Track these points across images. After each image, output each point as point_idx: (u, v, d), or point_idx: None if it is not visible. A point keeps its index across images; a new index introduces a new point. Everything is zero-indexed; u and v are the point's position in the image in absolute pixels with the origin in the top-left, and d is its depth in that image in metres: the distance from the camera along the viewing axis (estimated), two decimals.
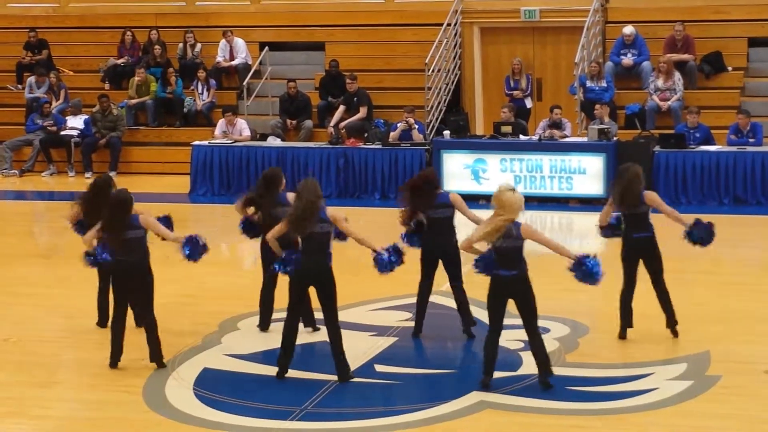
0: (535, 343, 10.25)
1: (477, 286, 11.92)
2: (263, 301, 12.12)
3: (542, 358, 10.26)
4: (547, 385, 10.22)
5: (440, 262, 11.83)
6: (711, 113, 21.13)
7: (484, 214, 11.56)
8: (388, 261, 10.85)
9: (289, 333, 10.67)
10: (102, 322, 12.38)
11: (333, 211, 10.68)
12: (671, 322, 11.69)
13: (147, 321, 11.05)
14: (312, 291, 10.84)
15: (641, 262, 11.61)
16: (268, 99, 23.75)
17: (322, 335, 11.92)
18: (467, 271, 11.32)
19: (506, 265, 10.06)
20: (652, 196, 11.54)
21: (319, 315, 11.19)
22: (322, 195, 10.60)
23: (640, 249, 11.51)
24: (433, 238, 11.67)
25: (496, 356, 10.31)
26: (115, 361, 11.08)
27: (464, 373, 10.99)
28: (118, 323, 11.09)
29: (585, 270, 10.39)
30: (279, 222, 10.86)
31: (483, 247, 10.23)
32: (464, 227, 11.55)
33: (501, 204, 10.08)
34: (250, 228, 12.07)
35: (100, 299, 12.41)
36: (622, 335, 11.63)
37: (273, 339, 11.89)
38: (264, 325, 12.14)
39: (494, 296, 10.23)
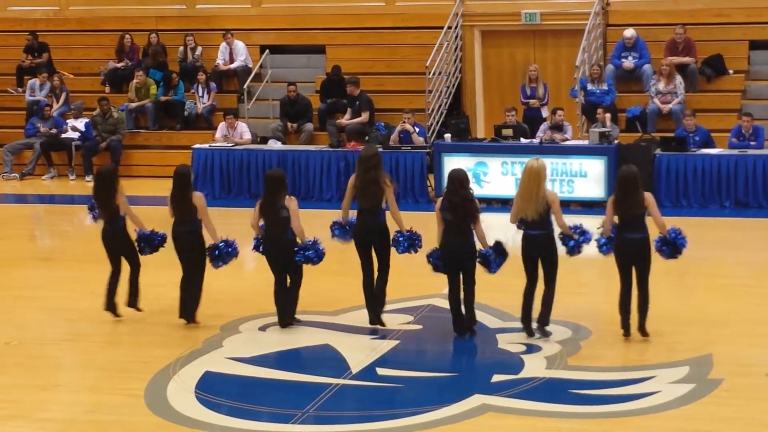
0: (548, 293, 11.72)
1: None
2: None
3: (547, 308, 11.73)
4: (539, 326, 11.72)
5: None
6: (712, 116, 21.12)
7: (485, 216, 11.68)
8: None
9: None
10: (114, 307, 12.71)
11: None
12: (642, 325, 11.64)
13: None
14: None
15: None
16: (268, 102, 23.73)
17: (325, 337, 11.95)
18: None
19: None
20: (650, 200, 11.53)
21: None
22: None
23: (632, 250, 11.50)
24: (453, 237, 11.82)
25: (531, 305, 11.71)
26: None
27: (466, 376, 10.99)
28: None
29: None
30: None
31: None
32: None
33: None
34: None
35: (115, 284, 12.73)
36: (626, 334, 11.61)
37: (275, 342, 11.92)
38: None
39: (526, 255, 11.67)
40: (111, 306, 12.68)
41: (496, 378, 10.69)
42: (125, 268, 12.70)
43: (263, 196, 12.18)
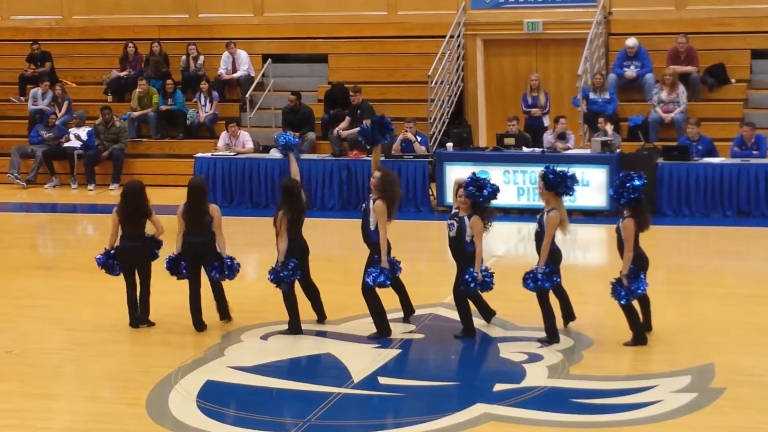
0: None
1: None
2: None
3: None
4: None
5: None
6: (714, 125, 21.11)
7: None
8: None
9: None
10: (136, 322, 12.74)
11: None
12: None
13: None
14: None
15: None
16: (271, 111, 23.74)
17: (327, 346, 11.95)
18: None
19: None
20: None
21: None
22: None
23: None
24: None
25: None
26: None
27: (468, 386, 10.97)
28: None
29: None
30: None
31: None
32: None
33: None
34: None
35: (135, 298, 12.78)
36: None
37: (277, 351, 11.90)
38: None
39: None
40: (137, 320, 12.74)
41: (498, 387, 10.68)
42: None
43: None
